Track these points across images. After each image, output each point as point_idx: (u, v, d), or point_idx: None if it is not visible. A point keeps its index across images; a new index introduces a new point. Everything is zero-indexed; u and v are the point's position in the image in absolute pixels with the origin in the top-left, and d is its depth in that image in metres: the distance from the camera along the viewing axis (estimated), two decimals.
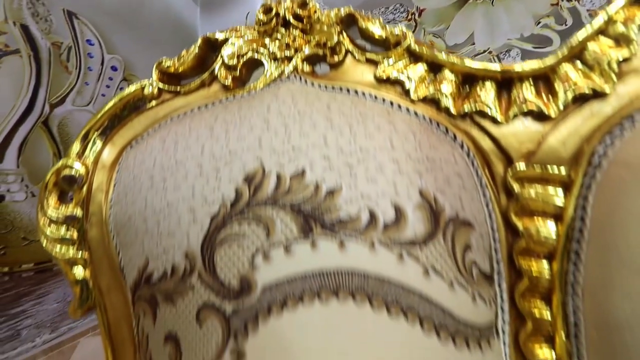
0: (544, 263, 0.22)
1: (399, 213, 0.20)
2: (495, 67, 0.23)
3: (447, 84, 0.24)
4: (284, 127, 0.23)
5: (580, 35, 0.21)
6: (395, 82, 0.26)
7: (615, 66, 0.20)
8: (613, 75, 0.20)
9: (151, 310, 0.23)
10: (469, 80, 0.24)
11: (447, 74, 0.24)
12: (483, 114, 0.23)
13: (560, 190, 0.21)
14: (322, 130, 0.23)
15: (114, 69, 1.19)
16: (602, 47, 0.21)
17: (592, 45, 0.21)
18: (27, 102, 1.00)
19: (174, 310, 0.22)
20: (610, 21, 0.21)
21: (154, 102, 0.31)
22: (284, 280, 0.20)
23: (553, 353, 0.21)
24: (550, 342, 0.21)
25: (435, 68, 0.25)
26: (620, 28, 0.21)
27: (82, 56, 1.16)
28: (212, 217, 0.22)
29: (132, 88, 0.31)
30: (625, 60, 0.20)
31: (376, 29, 0.26)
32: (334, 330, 0.19)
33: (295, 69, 0.29)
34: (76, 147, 0.29)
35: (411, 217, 0.20)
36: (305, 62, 0.29)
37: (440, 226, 0.20)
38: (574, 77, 0.21)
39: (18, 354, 0.93)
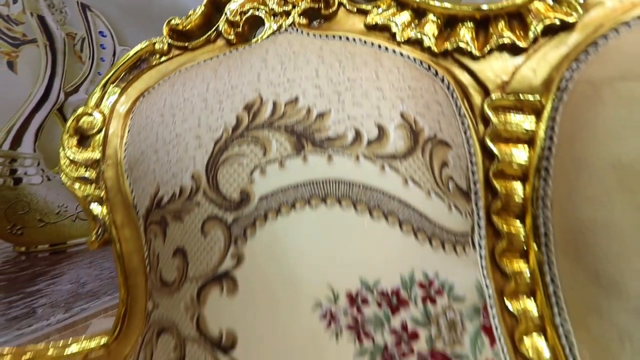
0: (518, 184, 0.24)
1: (382, 131, 0.22)
2: (473, 7, 0.25)
3: (430, 26, 0.27)
4: (280, 64, 0.26)
5: None
6: (383, 28, 0.28)
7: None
8: (578, 7, 0.23)
9: (162, 230, 0.26)
10: (450, 23, 0.27)
11: (431, 17, 0.27)
12: (462, 51, 0.25)
13: (532, 117, 0.24)
14: (314, 65, 0.25)
15: None
16: None
17: None
18: (44, 90, 1.05)
19: (182, 226, 0.25)
20: None
21: (164, 57, 0.34)
22: (278, 190, 0.22)
23: (527, 266, 0.23)
24: (525, 256, 0.23)
25: (420, 14, 0.28)
26: None
27: (95, 47, 1.21)
28: (216, 141, 0.24)
29: (144, 44, 0.34)
30: None
31: None
32: (323, 232, 0.21)
33: (293, 22, 0.31)
34: (94, 97, 0.33)
35: (392, 135, 0.22)
36: (301, 16, 0.31)
37: (419, 144, 0.22)
38: (543, 11, 0.23)
39: (33, 331, 0.97)
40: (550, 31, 0.24)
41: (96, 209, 0.32)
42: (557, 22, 0.23)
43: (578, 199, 0.21)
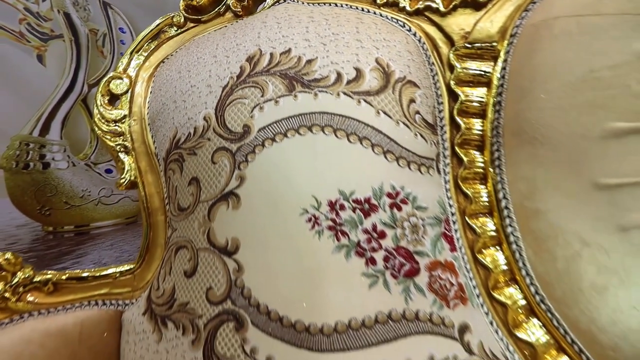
0: (478, 120, 0.28)
1: (359, 73, 0.27)
2: None
3: None
4: (277, 24, 0.31)
5: None
6: None
7: None
8: None
9: (179, 166, 0.32)
10: None
11: None
12: (431, 9, 0.30)
13: (491, 62, 0.28)
14: (305, 24, 0.30)
15: None
16: None
17: None
18: (69, 82, 1.15)
19: (196, 159, 0.30)
20: None
21: (180, 30, 0.40)
22: (273, 122, 0.27)
23: (485, 189, 0.28)
24: (484, 181, 0.28)
25: None
26: None
27: (116, 42, 1.31)
28: (223, 87, 0.30)
29: (164, 17, 0.40)
30: None
31: None
32: (309, 154, 0.26)
33: None
34: (122, 62, 0.39)
35: (368, 76, 0.27)
36: None
37: (391, 83, 0.27)
38: None
39: None
40: None
41: (124, 157, 0.38)
42: None
43: (524, 111, 0.25)
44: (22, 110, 1.09)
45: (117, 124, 0.38)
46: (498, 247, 0.27)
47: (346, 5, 0.33)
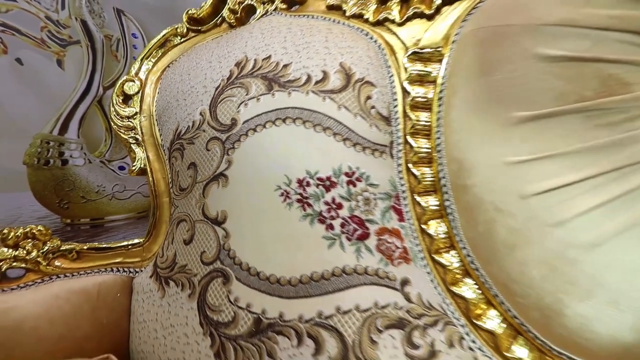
0: (426, 113, 0.34)
1: (325, 75, 0.33)
2: None
3: (372, 4, 0.37)
4: (261, 34, 0.37)
5: None
6: (338, 7, 0.39)
7: None
8: None
9: (180, 154, 0.39)
10: (384, 0, 0.37)
11: None
12: (390, 20, 0.36)
13: (437, 65, 0.33)
14: (284, 34, 0.37)
15: None
16: None
17: None
18: (86, 84, 1.24)
19: (194, 147, 0.37)
20: None
21: (183, 39, 0.47)
22: (255, 116, 0.34)
23: (431, 170, 0.33)
24: (429, 163, 0.33)
25: None
26: None
27: (129, 47, 1.40)
28: (216, 88, 0.36)
29: (169, 29, 0.47)
30: None
31: None
32: (283, 141, 0.32)
33: (276, 7, 0.43)
34: (134, 67, 0.46)
35: (332, 77, 0.33)
36: (282, 2, 0.43)
37: (351, 83, 0.33)
38: None
39: None
40: (451, 1, 0.33)
41: (135, 148, 0.45)
42: None
43: (455, 107, 0.30)
44: (43, 110, 1.19)
45: (129, 119, 0.45)
46: (440, 220, 0.32)
47: (321, 17, 0.39)
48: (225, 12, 0.45)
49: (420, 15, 0.34)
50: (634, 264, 0.22)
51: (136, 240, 0.43)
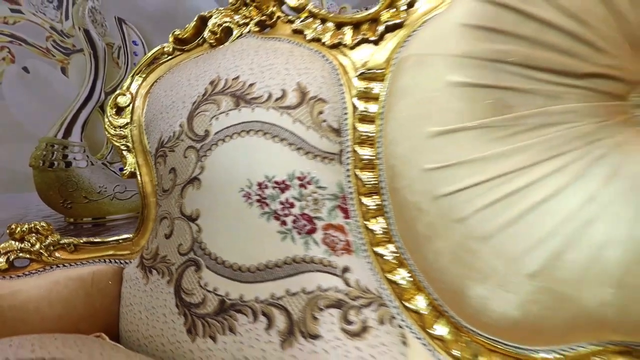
0: (372, 126, 0.39)
1: (284, 93, 0.39)
2: (351, 16, 0.41)
3: (328, 28, 0.43)
4: (232, 57, 0.43)
5: None
6: (301, 32, 0.44)
7: (404, 6, 0.37)
8: (403, 13, 0.38)
9: (163, 160, 0.45)
10: (339, 26, 0.42)
11: (329, 23, 0.43)
12: (343, 44, 0.41)
13: (381, 84, 0.39)
14: (252, 56, 0.42)
15: None
16: None
17: None
18: (88, 90, 1.31)
19: (174, 154, 0.43)
20: None
21: (170, 57, 0.53)
22: (224, 128, 0.39)
23: (373, 174, 0.38)
24: (373, 169, 0.39)
25: (324, 21, 0.44)
26: None
27: (129, 54, 1.47)
28: (193, 103, 0.42)
29: (156, 48, 0.53)
30: (411, 3, 0.37)
31: (291, 1, 0.45)
32: (246, 150, 0.38)
33: (250, 30, 0.49)
34: (126, 83, 0.52)
35: (290, 95, 0.39)
36: (256, 25, 0.49)
37: (306, 100, 0.39)
38: (386, 17, 0.39)
39: None
40: (393, 28, 0.39)
41: (126, 154, 0.51)
42: (391, 23, 0.38)
43: (391, 127, 0.36)
44: (48, 115, 1.26)
45: (121, 129, 0.51)
46: (380, 217, 0.38)
47: (286, 40, 0.45)
48: (206, 34, 0.51)
49: (367, 40, 0.40)
50: (514, 254, 0.27)
51: (126, 236, 0.49)
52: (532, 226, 0.26)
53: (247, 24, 0.49)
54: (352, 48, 0.41)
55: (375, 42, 0.40)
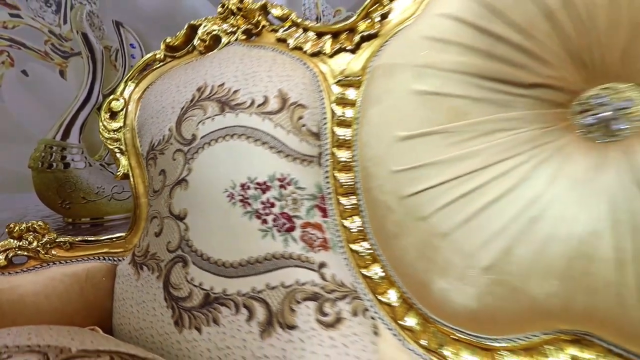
0: (349, 129, 0.41)
1: (266, 99, 0.41)
2: (331, 26, 0.44)
3: (310, 38, 0.45)
4: (218, 64, 0.46)
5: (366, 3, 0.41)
6: (284, 40, 0.47)
7: (378, 18, 0.40)
8: (378, 24, 0.40)
9: (154, 162, 0.47)
10: (320, 35, 0.45)
11: (310, 33, 0.45)
12: (323, 52, 0.44)
13: (357, 90, 0.41)
14: (236, 64, 0.45)
15: None
16: (376, 9, 0.41)
17: (371, 7, 0.41)
18: (86, 93, 1.34)
19: (164, 157, 0.45)
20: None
21: (161, 63, 0.55)
22: (210, 132, 0.42)
23: (350, 175, 0.41)
24: (350, 170, 0.41)
25: (305, 30, 0.46)
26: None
27: (127, 57, 1.50)
28: (182, 108, 0.45)
29: (149, 55, 0.55)
30: (385, 15, 0.40)
31: (276, 11, 0.48)
32: (231, 153, 0.41)
33: (237, 38, 0.51)
34: (120, 88, 0.55)
35: (271, 101, 0.41)
36: (243, 34, 0.51)
37: (286, 106, 0.41)
38: (362, 27, 0.41)
39: None
40: (368, 38, 0.41)
41: (120, 156, 0.53)
42: (366, 34, 0.40)
43: (365, 131, 0.38)
44: (46, 118, 1.29)
45: (115, 132, 0.54)
46: (356, 216, 0.40)
47: (270, 48, 0.47)
48: (196, 41, 0.53)
49: (345, 49, 0.42)
50: (470, 249, 0.30)
51: (120, 234, 0.52)
52: (485, 224, 0.29)
53: (234, 32, 0.52)
54: (331, 56, 0.44)
55: (353, 51, 0.42)
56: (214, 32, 0.53)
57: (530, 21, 0.27)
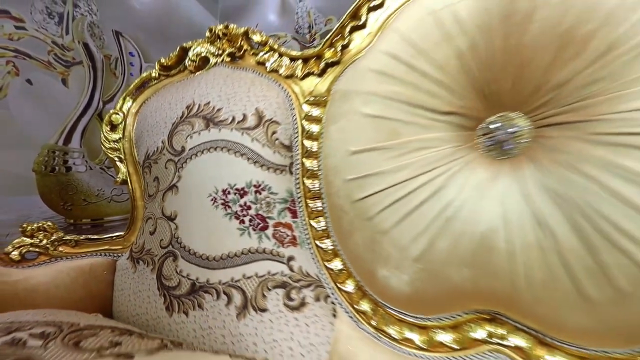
0: (315, 142, 0.49)
1: (244, 117, 0.49)
2: (302, 52, 0.51)
3: (285, 62, 0.52)
4: (205, 85, 0.53)
5: (331, 34, 0.48)
6: (263, 63, 0.54)
7: (340, 47, 0.47)
8: (340, 52, 0.47)
9: (149, 169, 0.54)
10: (293, 60, 0.52)
11: (284, 58, 0.53)
12: (295, 75, 0.51)
13: (322, 109, 0.48)
14: (220, 85, 0.52)
15: None
16: (338, 39, 0.48)
17: (335, 38, 0.48)
18: (87, 100, 1.41)
19: (157, 166, 0.53)
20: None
21: (156, 81, 0.63)
22: (197, 145, 0.49)
23: (317, 181, 0.48)
24: (316, 177, 0.48)
25: (281, 55, 0.53)
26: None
27: (126, 65, 1.57)
28: (173, 123, 0.52)
29: (145, 73, 0.62)
30: (345, 45, 0.47)
31: (255, 37, 0.55)
32: (214, 163, 0.48)
33: (223, 60, 0.58)
34: (119, 103, 0.62)
35: (249, 118, 0.48)
36: (227, 56, 0.58)
37: (262, 122, 0.48)
38: (327, 55, 0.48)
39: None
40: (332, 64, 0.48)
41: (119, 164, 0.60)
42: (330, 61, 0.48)
43: (327, 144, 0.45)
44: (49, 124, 1.36)
45: (115, 142, 0.61)
46: (321, 217, 0.47)
47: (250, 70, 0.54)
48: (187, 62, 0.61)
49: (313, 73, 0.50)
50: (404, 243, 0.37)
51: (118, 233, 0.59)
52: (414, 222, 0.36)
53: (220, 55, 0.59)
54: (302, 79, 0.51)
55: (319, 75, 0.49)
56: (203, 54, 0.60)
57: (446, 60, 0.35)
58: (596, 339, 0.32)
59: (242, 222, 0.46)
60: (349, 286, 0.44)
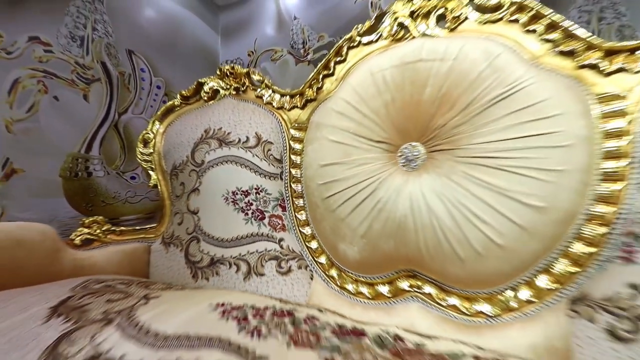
0: (299, 157, 0.68)
1: (247, 138, 0.68)
2: (290, 91, 0.70)
3: (277, 96, 0.72)
4: (218, 113, 0.73)
5: (309, 78, 0.68)
6: (261, 97, 0.74)
7: (316, 87, 0.67)
8: (316, 92, 0.67)
9: (176, 177, 0.74)
10: (283, 95, 0.72)
11: (276, 94, 0.72)
12: (283, 107, 0.70)
13: (304, 133, 0.68)
14: (229, 114, 0.72)
15: (158, 87, 1.78)
16: (315, 83, 0.67)
17: (312, 81, 0.68)
18: (105, 112, 1.61)
19: (183, 173, 0.72)
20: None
21: (178, 108, 0.82)
22: (213, 159, 0.69)
23: (300, 184, 0.67)
24: (300, 182, 0.68)
25: (274, 91, 0.73)
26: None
27: (138, 80, 1.77)
28: (194, 143, 0.71)
29: (170, 102, 0.82)
30: (320, 87, 0.67)
31: (255, 77, 0.75)
32: (226, 172, 0.67)
33: (230, 93, 0.78)
34: (150, 126, 0.81)
35: (251, 139, 0.68)
36: (234, 90, 0.78)
37: (260, 142, 0.68)
38: (308, 94, 0.68)
39: None
40: (311, 101, 0.68)
41: (151, 173, 0.80)
42: (309, 99, 0.67)
43: (305, 160, 0.65)
44: (73, 134, 1.56)
45: (147, 156, 0.80)
46: (303, 211, 0.67)
47: (251, 102, 0.74)
48: (202, 93, 0.80)
49: (297, 107, 0.69)
50: (354, 226, 0.56)
51: (151, 225, 0.78)
52: (359, 212, 0.55)
53: (228, 89, 0.78)
54: (289, 110, 0.70)
55: (302, 108, 0.69)
56: (214, 87, 0.80)
57: (378, 107, 0.54)
58: (470, 284, 0.51)
59: (247, 214, 0.65)
60: (322, 259, 0.64)
